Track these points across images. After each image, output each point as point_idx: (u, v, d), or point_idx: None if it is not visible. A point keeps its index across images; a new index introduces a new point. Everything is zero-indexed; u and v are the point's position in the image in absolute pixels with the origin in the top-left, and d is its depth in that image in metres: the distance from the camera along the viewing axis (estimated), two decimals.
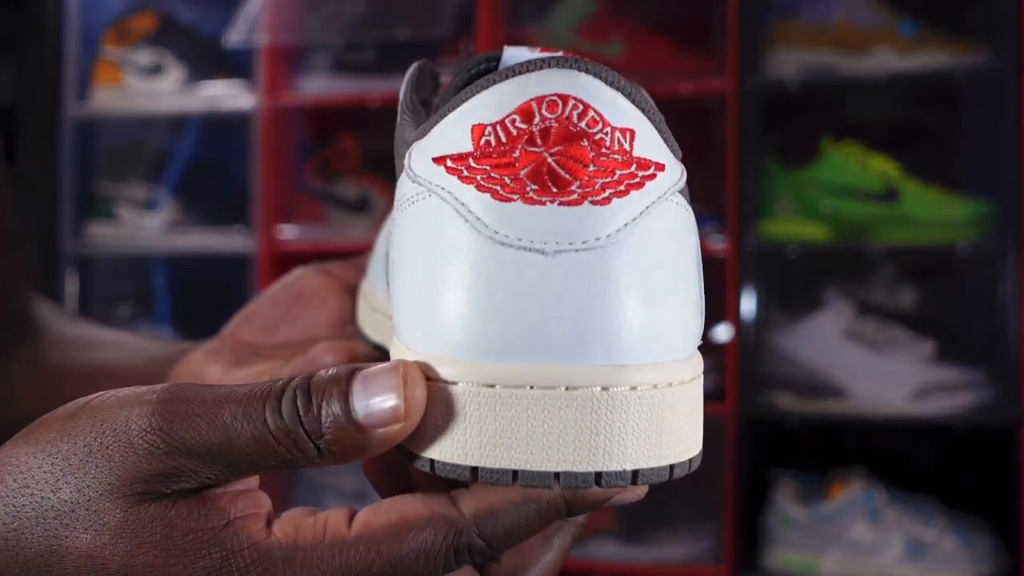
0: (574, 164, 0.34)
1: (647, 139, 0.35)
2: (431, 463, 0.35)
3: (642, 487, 0.35)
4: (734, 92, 1.78)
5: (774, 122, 1.85)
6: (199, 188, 2.16)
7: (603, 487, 0.34)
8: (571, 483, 0.33)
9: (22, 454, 0.36)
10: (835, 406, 1.76)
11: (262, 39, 2.00)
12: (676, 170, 0.36)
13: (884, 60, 1.77)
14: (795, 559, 1.73)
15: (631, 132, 0.35)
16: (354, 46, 2.02)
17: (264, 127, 2.02)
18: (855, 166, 1.78)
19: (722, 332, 1.79)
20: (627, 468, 0.34)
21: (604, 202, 0.34)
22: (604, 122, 0.34)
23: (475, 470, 0.34)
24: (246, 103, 2.03)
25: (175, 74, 2.10)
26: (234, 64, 2.08)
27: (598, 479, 0.33)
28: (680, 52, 1.90)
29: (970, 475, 1.81)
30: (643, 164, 0.35)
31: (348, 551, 0.35)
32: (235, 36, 2.02)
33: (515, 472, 0.34)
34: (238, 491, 0.36)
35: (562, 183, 0.34)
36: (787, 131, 1.92)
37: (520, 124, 0.34)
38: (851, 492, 1.72)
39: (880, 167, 1.77)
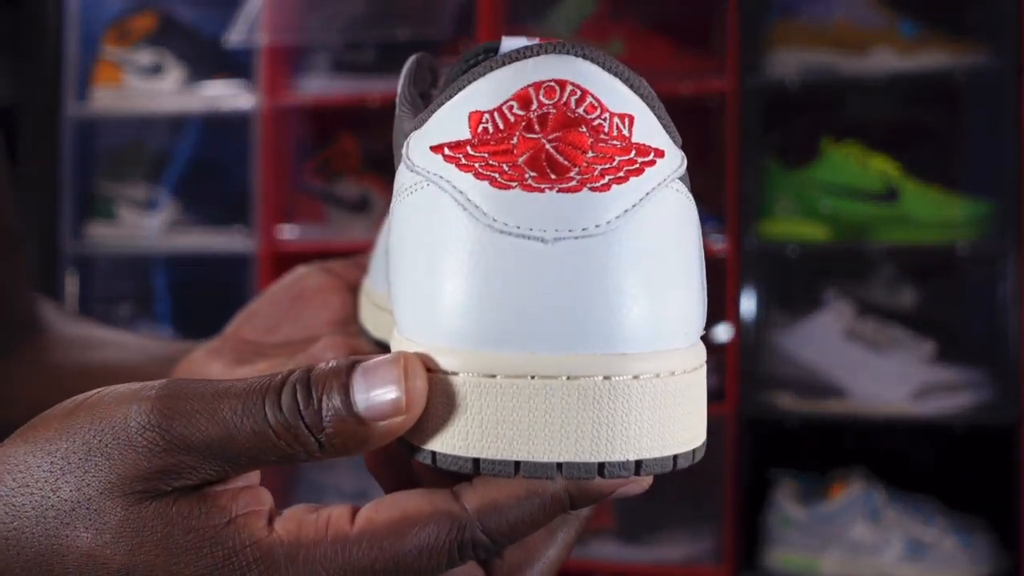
0: (572, 150, 0.33)
1: (646, 125, 0.35)
2: (432, 455, 0.35)
3: (646, 479, 0.35)
4: (734, 92, 1.78)
5: (774, 122, 1.85)
6: (199, 188, 2.16)
7: (606, 478, 0.33)
8: (574, 474, 0.33)
9: (21, 453, 0.35)
10: (835, 406, 1.76)
11: (262, 39, 2.00)
12: (676, 156, 0.36)
13: (884, 60, 1.77)
14: (795, 559, 1.73)
15: (630, 118, 0.34)
16: (354, 46, 2.02)
17: (264, 127, 2.02)
18: (855, 166, 1.78)
19: (722, 332, 1.79)
20: (630, 458, 0.33)
21: (603, 188, 0.33)
22: (602, 108, 0.34)
23: (477, 462, 0.34)
24: (246, 103, 2.03)
25: (175, 74, 2.10)
26: (234, 64, 2.08)
27: (601, 469, 0.33)
28: (680, 52, 1.90)
29: (970, 475, 1.81)
30: (642, 150, 0.34)
31: (351, 548, 0.34)
32: (235, 36, 2.02)
33: (517, 463, 0.33)
34: (239, 488, 0.36)
35: (561, 170, 0.33)
36: (787, 131, 1.92)
37: (518, 110, 0.34)
38: (851, 492, 1.72)
39: (880, 167, 1.77)
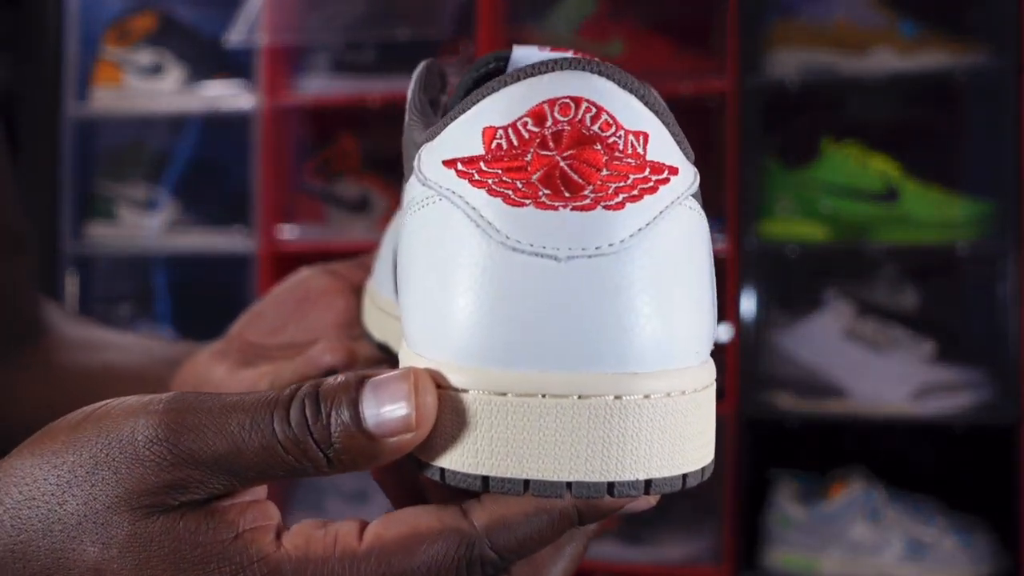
0: (587, 168, 0.33)
1: (660, 142, 0.34)
2: (441, 472, 0.35)
3: (654, 496, 0.35)
4: (734, 92, 1.78)
5: (774, 122, 1.85)
6: (199, 188, 2.15)
7: (616, 497, 0.33)
8: (583, 493, 0.33)
9: (27, 465, 0.35)
10: (835, 406, 1.76)
11: (262, 39, 2.00)
12: (689, 173, 0.35)
13: (884, 60, 1.77)
14: (795, 559, 1.73)
15: (644, 135, 0.34)
16: (354, 46, 2.02)
17: (264, 127, 2.01)
18: (855, 166, 1.78)
19: (722, 332, 1.79)
20: (640, 478, 0.33)
21: (617, 207, 0.33)
22: (617, 125, 0.34)
23: (486, 479, 0.34)
24: (246, 103, 2.03)
25: (175, 74, 2.09)
26: (234, 64, 2.08)
27: (610, 489, 0.33)
28: (680, 52, 1.90)
29: (970, 475, 1.81)
30: (656, 168, 0.34)
31: (359, 564, 0.34)
32: (235, 36, 2.02)
33: (527, 482, 0.33)
34: (247, 502, 0.35)
35: (575, 187, 0.33)
36: (787, 131, 1.92)
37: (532, 127, 0.34)
38: (851, 492, 1.72)
39: (880, 167, 1.77)
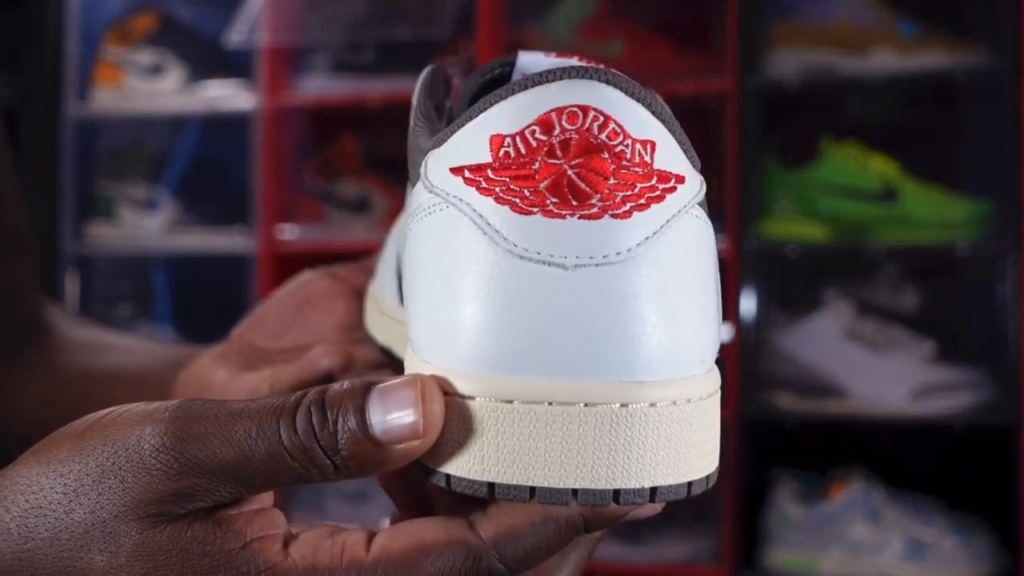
0: (595, 177, 0.33)
1: (667, 151, 0.35)
2: (447, 478, 0.35)
3: (660, 503, 0.35)
4: (734, 92, 1.78)
5: (774, 122, 1.85)
6: (199, 188, 2.15)
7: (621, 504, 0.33)
8: (589, 500, 0.33)
9: (33, 474, 0.35)
10: (835, 406, 1.76)
11: (262, 39, 2.00)
12: (696, 182, 0.36)
13: (884, 60, 1.77)
14: (795, 559, 1.73)
15: (652, 144, 0.34)
16: (354, 46, 2.02)
17: (264, 127, 2.01)
18: (855, 166, 1.78)
19: (722, 332, 1.79)
20: (645, 485, 0.33)
21: (625, 216, 0.33)
22: (625, 134, 0.34)
23: (492, 486, 0.34)
24: (246, 103, 2.03)
25: (175, 74, 2.09)
26: (234, 64, 2.08)
27: (616, 496, 0.33)
28: (680, 52, 1.90)
29: (970, 475, 1.81)
30: (664, 177, 0.34)
31: (365, 575, 0.34)
32: (235, 36, 2.02)
33: (533, 489, 0.33)
34: (253, 511, 0.35)
35: (582, 196, 0.33)
36: (787, 131, 1.92)
37: (540, 135, 0.34)
38: (851, 492, 1.72)
39: (880, 167, 1.77)
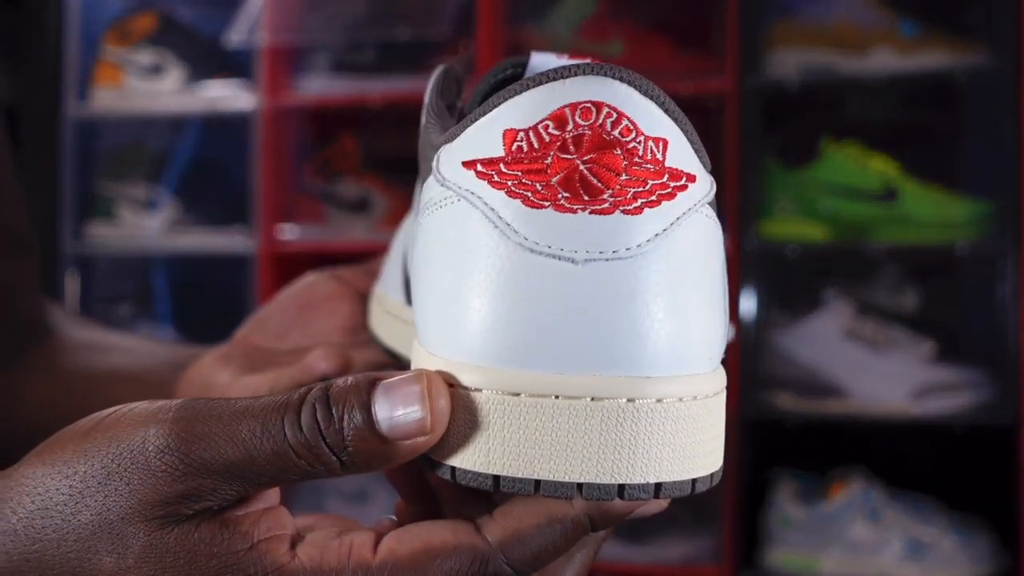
0: (607, 172, 0.33)
1: (679, 149, 0.35)
2: (452, 471, 0.35)
3: (664, 500, 0.35)
4: (734, 92, 1.78)
5: (774, 122, 1.85)
6: (199, 188, 2.15)
7: (626, 499, 0.33)
8: (593, 495, 0.33)
9: (38, 475, 0.35)
10: (835, 406, 1.76)
11: (262, 39, 2.00)
12: (706, 182, 0.36)
13: (884, 60, 1.77)
14: (795, 559, 1.74)
15: (664, 142, 0.34)
16: (354, 46, 2.02)
17: (264, 127, 2.01)
18: (855, 166, 1.78)
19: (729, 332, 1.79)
20: (650, 481, 0.33)
21: (635, 212, 0.33)
22: (637, 131, 0.34)
23: (497, 479, 0.34)
24: (246, 103, 2.03)
25: (175, 74, 2.09)
26: (234, 64, 2.07)
27: (621, 491, 0.33)
28: (680, 52, 1.90)
29: (970, 475, 1.81)
30: (675, 175, 0.34)
31: None
32: (235, 36, 2.01)
33: (537, 482, 0.33)
34: (260, 511, 0.36)
35: (594, 191, 0.33)
36: (787, 131, 1.92)
37: (553, 130, 0.34)
38: (851, 492, 1.72)
39: (880, 167, 1.77)
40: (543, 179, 0.34)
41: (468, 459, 0.34)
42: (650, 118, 0.34)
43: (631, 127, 0.34)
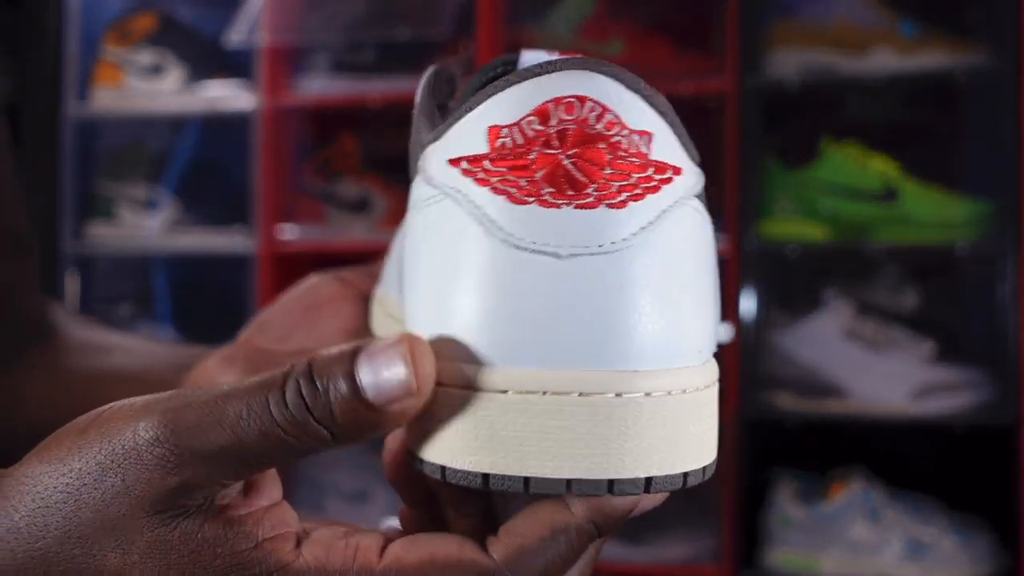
0: (591, 167, 0.33)
1: (664, 142, 0.35)
2: (442, 470, 0.35)
3: (660, 494, 0.35)
4: (734, 92, 1.78)
5: (774, 122, 1.85)
6: (199, 188, 2.15)
7: (616, 495, 0.33)
8: (583, 490, 0.33)
9: (37, 473, 0.35)
10: (835, 406, 1.76)
11: (262, 39, 2.00)
12: (693, 174, 0.36)
13: (884, 60, 1.77)
14: (795, 559, 1.74)
15: (648, 135, 0.34)
16: (354, 46, 2.02)
17: (264, 127, 2.01)
18: (855, 166, 1.78)
19: (722, 332, 1.79)
20: (640, 476, 0.33)
21: (620, 205, 0.33)
22: (622, 124, 0.34)
23: (486, 477, 0.33)
24: (246, 103, 2.03)
25: (175, 74, 2.09)
26: (234, 64, 2.07)
27: (611, 487, 0.33)
28: (680, 52, 1.90)
29: (970, 475, 1.81)
30: (660, 168, 0.34)
31: None
32: (235, 36, 2.01)
33: (527, 479, 0.33)
34: (264, 508, 0.35)
35: (578, 186, 0.33)
36: (787, 131, 1.92)
37: (537, 126, 0.34)
38: (851, 492, 1.72)
39: (880, 167, 1.77)
40: (527, 175, 0.33)
41: (457, 458, 0.34)
42: (634, 111, 0.34)
43: (615, 121, 0.34)
